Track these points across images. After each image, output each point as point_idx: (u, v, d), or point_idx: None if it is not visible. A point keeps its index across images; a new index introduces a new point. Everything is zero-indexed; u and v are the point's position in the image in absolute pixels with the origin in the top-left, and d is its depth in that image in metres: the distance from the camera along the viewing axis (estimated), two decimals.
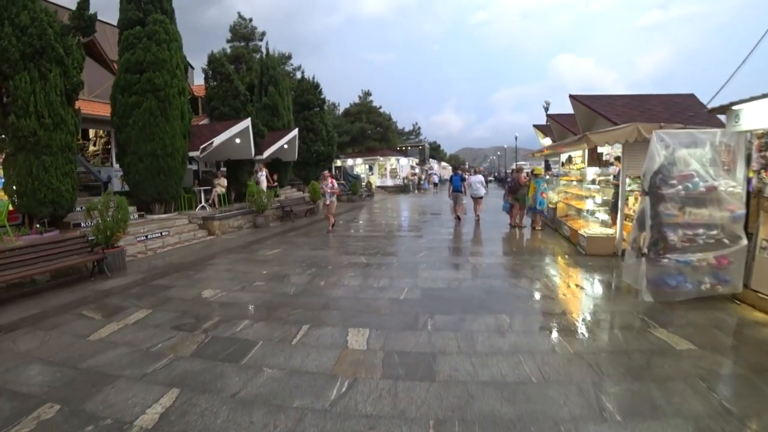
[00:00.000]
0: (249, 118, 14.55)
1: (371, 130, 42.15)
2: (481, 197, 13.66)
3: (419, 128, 63.13)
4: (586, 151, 9.87)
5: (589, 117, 11.44)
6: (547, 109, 23.74)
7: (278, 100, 20.00)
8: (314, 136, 22.89)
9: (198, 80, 27.05)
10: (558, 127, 14.60)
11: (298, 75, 27.11)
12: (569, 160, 11.42)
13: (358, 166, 38.56)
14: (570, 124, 13.02)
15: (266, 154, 17.00)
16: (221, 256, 8.86)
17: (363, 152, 40.88)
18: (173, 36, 12.42)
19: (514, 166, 21.00)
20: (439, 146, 78.25)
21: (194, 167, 19.14)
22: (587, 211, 8.67)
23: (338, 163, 38.20)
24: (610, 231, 8.06)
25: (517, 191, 11.77)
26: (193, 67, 26.51)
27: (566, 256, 7.83)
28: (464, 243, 9.41)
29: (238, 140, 15.21)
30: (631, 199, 7.79)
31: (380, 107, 45.64)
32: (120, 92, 11.95)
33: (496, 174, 71.46)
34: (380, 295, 5.63)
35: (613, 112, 9.75)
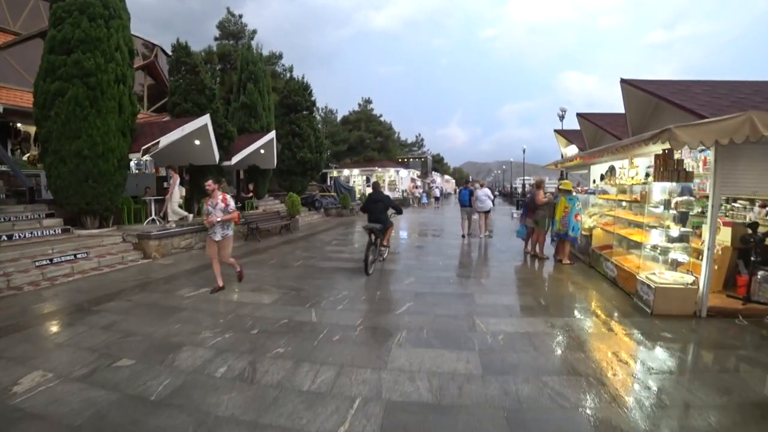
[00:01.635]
0: (207, 115, 11.99)
1: (370, 139, 39.72)
2: (488, 211, 12.59)
3: (422, 140, 60.70)
4: (646, 157, 7.22)
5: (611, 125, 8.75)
6: (563, 117, 21.16)
7: (257, 99, 17.51)
8: (301, 141, 20.34)
9: None
10: (591, 129, 11.86)
11: (290, 76, 24.69)
12: (611, 171, 8.72)
13: (355, 177, 36.03)
14: (610, 125, 10.35)
15: (236, 159, 14.42)
16: (128, 294, 6.20)
17: (361, 162, 38.39)
18: (116, 11, 10.03)
19: (531, 180, 17.73)
20: (442, 159, 75.88)
21: (148, 172, 16.57)
22: (653, 247, 5.89)
23: (334, 173, 35.75)
24: (688, 279, 5.32)
25: (536, 212, 9.11)
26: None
27: (625, 317, 5.08)
28: (468, 286, 6.64)
29: (197, 141, 12.65)
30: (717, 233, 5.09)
31: (381, 115, 43.30)
32: (42, 77, 9.53)
33: (500, 189, 68.82)
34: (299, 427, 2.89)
35: (692, 102, 7.03)
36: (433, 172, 57.21)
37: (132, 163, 12.47)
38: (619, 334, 4.59)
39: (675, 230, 5.45)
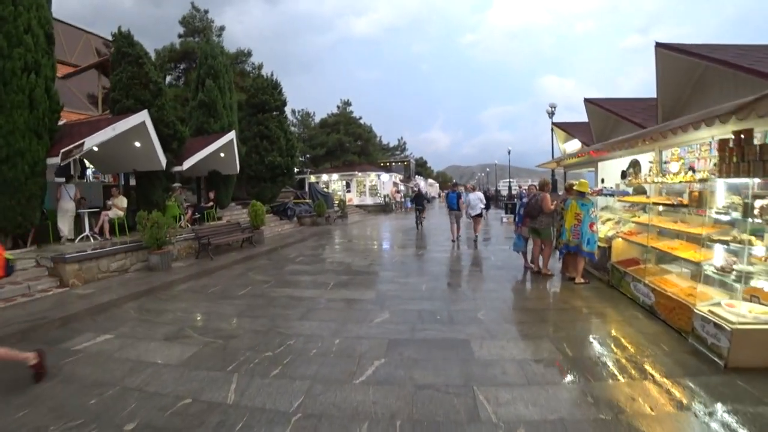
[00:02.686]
0: (144, 112, 10.12)
1: (350, 142, 38.05)
2: (480, 215, 12.50)
3: (405, 143, 59.35)
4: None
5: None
6: (552, 114, 19.79)
7: (217, 97, 15.63)
8: (270, 144, 18.53)
9: None
10: (601, 117, 10.20)
11: (258, 74, 22.83)
12: (633, 168, 7.15)
13: (334, 182, 34.22)
14: (627, 112, 8.80)
15: (188, 164, 12.51)
16: None
17: (340, 167, 36.62)
18: None
19: (529, 182, 16.75)
20: (425, 162, 74.60)
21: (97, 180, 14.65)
22: (721, 269, 4.19)
23: (312, 178, 33.90)
24: None
25: (534, 218, 7.52)
26: None
27: (689, 376, 3.44)
28: (461, 326, 4.81)
29: (137, 144, 10.78)
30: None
31: (360, 118, 41.69)
32: None
33: (484, 191, 67.66)
34: None
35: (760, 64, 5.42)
36: (417, 176, 55.78)
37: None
38: (697, 410, 2.93)
39: (760, 248, 3.82)
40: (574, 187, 6.92)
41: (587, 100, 9.05)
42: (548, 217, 7.55)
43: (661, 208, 5.88)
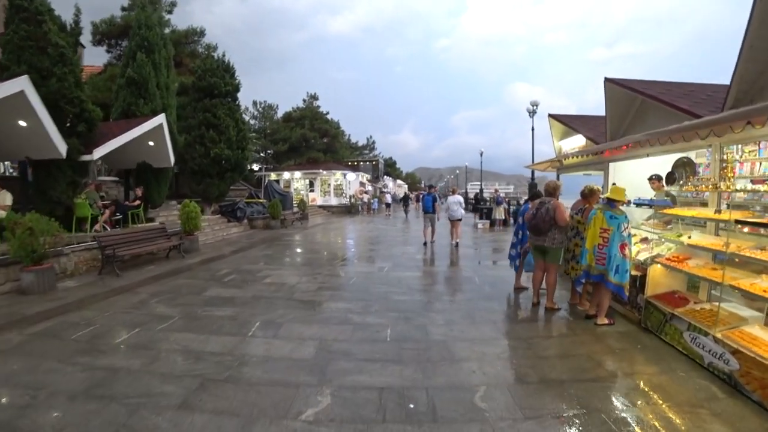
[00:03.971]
0: (24, 78, 7.62)
1: (315, 138, 35.61)
2: (460, 219, 11.98)
3: (374, 142, 57.32)
4: None
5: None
6: (533, 113, 18.25)
7: (149, 75, 13.03)
8: (217, 134, 16.01)
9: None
10: (622, 104, 8.63)
11: (208, 55, 20.14)
12: (685, 169, 5.35)
13: (297, 180, 31.78)
14: (666, 95, 7.08)
15: (101, 152, 9.99)
16: None
17: (303, 164, 34.16)
18: None
19: (496, 185, 15.66)
20: (394, 163, 72.92)
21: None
22: None
23: (273, 176, 31.36)
24: None
25: (542, 234, 5.62)
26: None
27: None
28: (447, 419, 2.91)
29: (22, 123, 8.27)
30: None
31: (327, 113, 39.32)
32: None
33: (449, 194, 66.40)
34: None
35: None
36: (385, 177, 53.90)
37: None
38: None
39: None
40: (606, 195, 5.06)
41: (608, 80, 7.58)
42: (562, 232, 5.66)
43: (742, 228, 4.07)
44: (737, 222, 4.08)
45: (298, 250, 10.97)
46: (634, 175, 7.42)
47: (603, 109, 8.75)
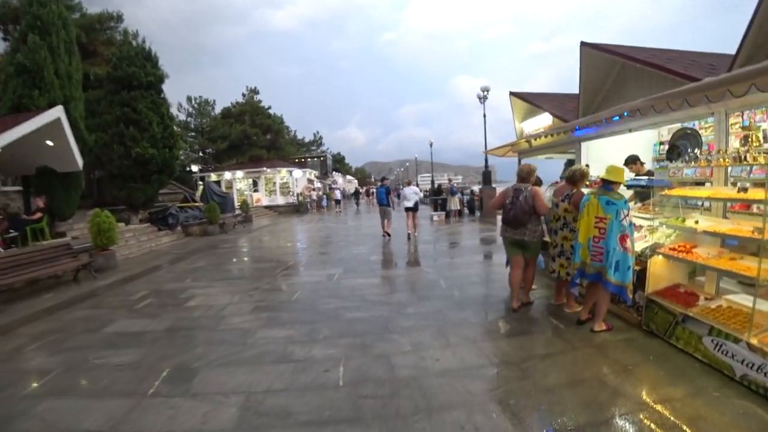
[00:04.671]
0: None
1: (257, 135, 33.50)
2: (416, 209, 11.84)
3: (321, 138, 55.49)
4: None
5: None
6: (484, 99, 17.63)
7: (45, 61, 10.96)
8: (139, 132, 14.03)
9: None
10: (599, 72, 8.04)
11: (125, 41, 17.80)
12: (690, 142, 4.57)
13: (239, 180, 29.71)
14: (655, 57, 6.34)
15: None
16: None
17: (246, 163, 32.04)
18: None
19: (445, 176, 15.50)
20: (343, 158, 71.44)
21: None
22: None
23: (213, 177, 29.16)
24: None
25: (522, 226, 4.74)
26: None
27: None
28: None
29: None
30: None
31: (270, 108, 37.21)
32: None
33: (402, 187, 66.12)
34: None
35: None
36: (334, 173, 52.44)
37: None
38: None
39: None
40: (601, 176, 4.17)
41: (584, 44, 6.99)
42: (539, 224, 4.80)
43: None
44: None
45: (236, 259, 9.51)
46: (608, 156, 6.72)
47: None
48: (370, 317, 4.85)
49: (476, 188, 25.75)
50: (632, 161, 5.77)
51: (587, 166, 6.68)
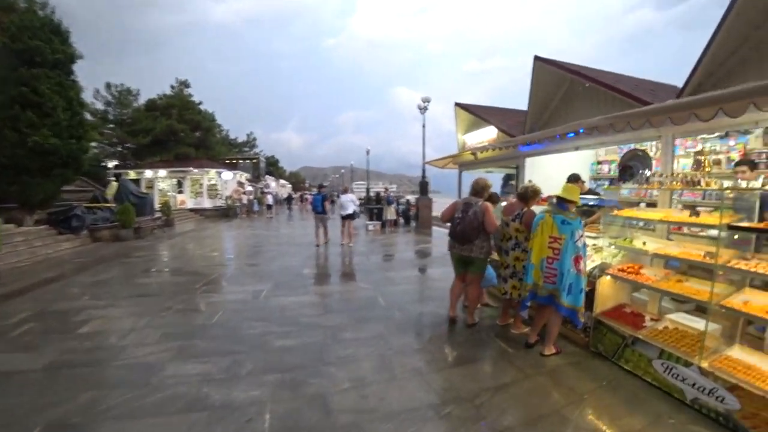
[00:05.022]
0: None
1: (185, 131, 31.22)
2: (352, 217, 11.67)
3: (255, 139, 53.28)
4: None
5: None
6: (424, 109, 17.65)
7: None
8: (39, 117, 12.21)
9: None
10: (549, 88, 8.15)
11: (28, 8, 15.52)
12: (642, 162, 4.49)
13: (162, 180, 27.43)
14: (609, 79, 6.30)
15: None
16: None
17: (171, 161, 29.69)
18: None
19: (380, 184, 15.82)
20: (277, 162, 69.31)
21: None
22: None
23: (132, 175, 26.70)
24: None
25: (469, 242, 4.52)
26: None
27: None
28: None
29: None
30: None
31: (200, 103, 34.96)
32: None
33: (337, 194, 65.36)
34: None
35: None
36: (267, 176, 50.52)
37: None
38: None
39: None
40: (557, 194, 3.94)
41: (537, 58, 6.95)
42: (487, 240, 4.55)
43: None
44: (730, 228, 3.19)
45: (149, 271, 8.30)
46: (550, 173, 6.73)
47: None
48: (303, 345, 4.24)
49: (411, 198, 25.92)
50: (575, 180, 5.74)
51: (530, 182, 6.67)
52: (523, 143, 5.16)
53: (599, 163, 7.22)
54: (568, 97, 7.94)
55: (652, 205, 4.60)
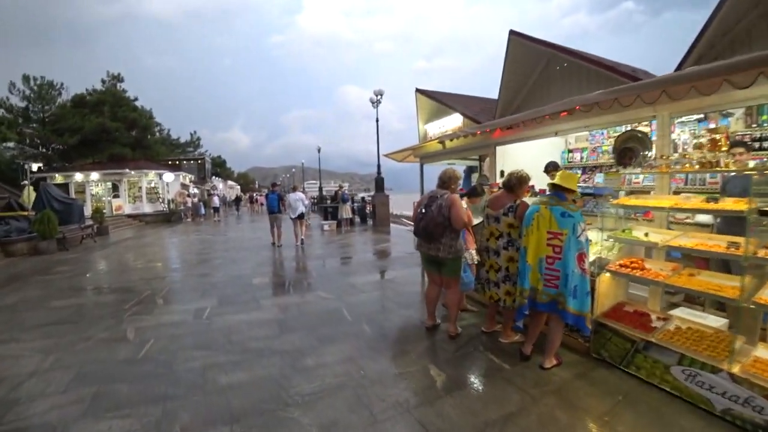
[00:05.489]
0: None
1: (119, 130, 28.70)
2: (302, 217, 11.53)
3: (199, 139, 50.35)
4: None
5: None
6: (378, 103, 16.99)
7: None
8: None
9: None
10: (526, 66, 7.56)
11: None
12: (641, 145, 3.99)
13: (94, 183, 25.07)
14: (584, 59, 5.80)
15: None
16: None
17: (104, 163, 27.25)
18: None
19: (332, 183, 15.34)
20: (224, 162, 66.32)
21: None
22: None
23: (58, 178, 24.29)
24: None
25: (434, 240, 4.00)
26: None
27: None
28: None
29: None
30: None
31: (136, 99, 32.38)
32: None
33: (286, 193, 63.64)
34: None
35: None
36: (214, 177, 48.10)
37: None
38: None
39: None
40: (553, 181, 3.37)
41: (513, 33, 6.41)
42: (456, 238, 3.95)
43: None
44: (762, 213, 2.73)
45: (70, 290, 6.92)
46: (523, 162, 6.25)
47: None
48: (255, 380, 3.39)
49: (363, 195, 25.34)
50: (553, 168, 5.29)
51: (502, 172, 6.16)
52: (507, 126, 4.57)
53: (570, 151, 6.86)
54: (545, 78, 7.46)
55: (638, 193, 4.16)
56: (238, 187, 66.41)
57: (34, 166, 27.59)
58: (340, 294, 6.06)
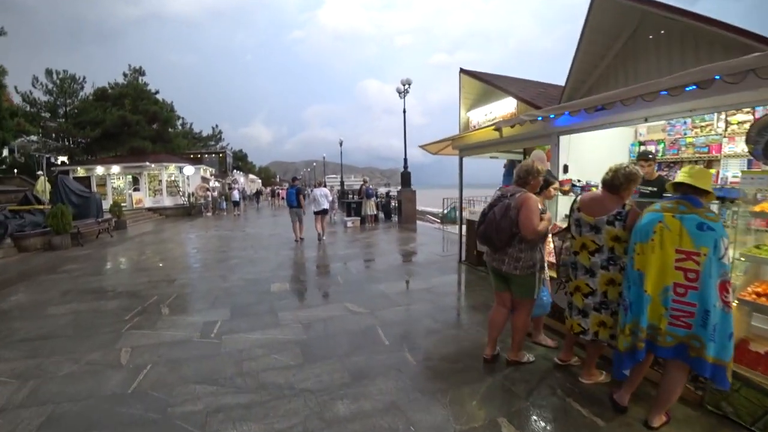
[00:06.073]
0: None
1: (140, 122, 28.54)
2: (325, 211, 11.41)
3: (221, 132, 50.34)
4: None
5: None
6: (405, 93, 16.11)
7: None
8: None
9: None
10: (612, 30, 6.47)
11: None
12: None
13: (115, 177, 24.93)
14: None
15: None
16: None
17: (124, 156, 27.11)
18: None
19: (352, 177, 15.14)
20: (246, 156, 66.41)
21: None
22: None
23: (81, 172, 24.24)
24: None
25: (498, 250, 3.28)
26: None
27: None
28: None
29: None
30: None
31: (157, 92, 32.25)
32: None
33: (310, 189, 63.24)
34: None
35: None
36: (235, 171, 47.92)
37: None
38: None
39: None
40: (678, 179, 2.45)
41: None
42: (528, 249, 3.06)
43: None
44: None
45: (70, 294, 6.30)
46: (586, 156, 5.29)
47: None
48: None
49: (386, 190, 24.77)
50: (645, 157, 4.33)
51: (565, 167, 5.20)
52: (598, 107, 3.57)
53: (641, 143, 5.84)
54: (629, 51, 6.32)
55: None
56: (259, 181, 66.38)
57: (59, 160, 27.72)
58: (371, 307, 5.21)
